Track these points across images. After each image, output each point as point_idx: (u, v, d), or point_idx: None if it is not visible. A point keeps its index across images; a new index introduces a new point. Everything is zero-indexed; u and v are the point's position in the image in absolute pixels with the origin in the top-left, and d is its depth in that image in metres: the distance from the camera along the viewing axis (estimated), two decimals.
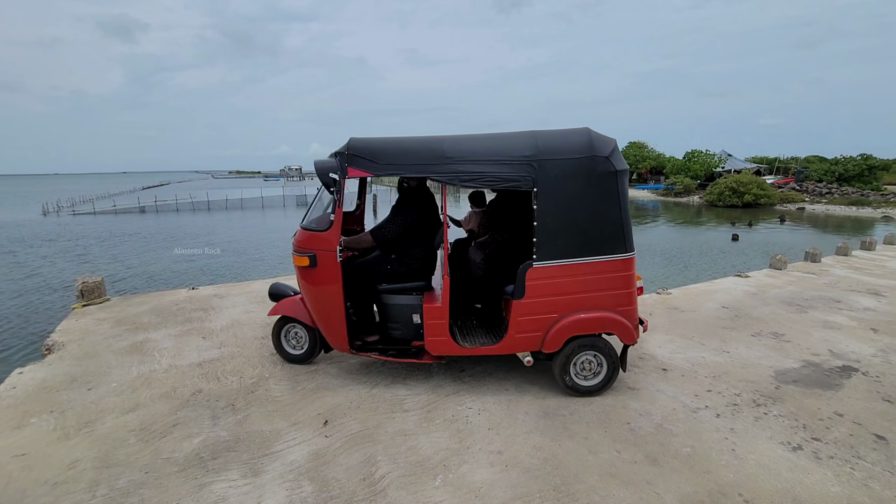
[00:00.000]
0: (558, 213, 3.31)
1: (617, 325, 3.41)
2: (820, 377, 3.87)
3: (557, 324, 3.40)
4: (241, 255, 17.81)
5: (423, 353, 3.66)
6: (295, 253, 3.58)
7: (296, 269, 3.65)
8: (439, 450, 2.86)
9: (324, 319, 3.61)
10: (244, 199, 38.48)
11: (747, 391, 3.62)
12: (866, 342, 4.63)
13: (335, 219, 3.40)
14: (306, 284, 3.62)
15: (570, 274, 3.36)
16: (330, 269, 3.44)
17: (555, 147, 3.33)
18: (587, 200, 3.32)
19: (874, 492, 2.51)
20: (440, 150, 3.37)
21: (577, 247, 3.35)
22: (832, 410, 3.34)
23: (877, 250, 9.53)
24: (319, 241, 3.45)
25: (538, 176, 3.28)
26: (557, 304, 3.40)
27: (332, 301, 3.50)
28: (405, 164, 3.37)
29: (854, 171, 35.42)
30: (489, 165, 3.32)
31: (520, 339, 3.46)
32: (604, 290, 3.40)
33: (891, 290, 6.53)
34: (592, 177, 3.29)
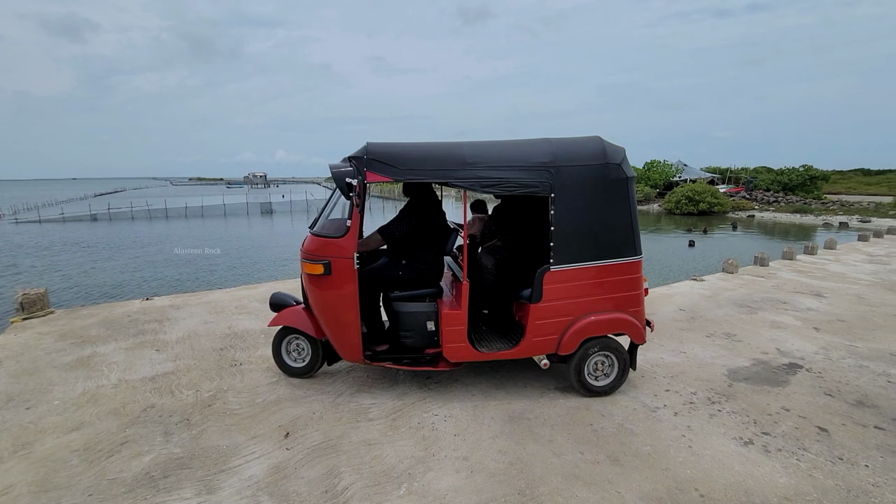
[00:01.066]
0: (574, 217, 3.40)
1: (628, 326, 3.52)
2: (768, 374, 4.07)
3: (573, 326, 3.47)
4: (201, 265, 17.15)
5: (438, 361, 3.61)
6: (306, 261, 3.42)
7: (306, 277, 3.51)
8: (404, 458, 2.83)
9: (336, 329, 3.46)
10: (205, 207, 37.13)
11: (703, 390, 3.76)
12: (810, 340, 4.91)
13: (352, 225, 3.28)
14: (318, 293, 3.46)
15: (585, 277, 3.45)
16: (346, 277, 3.32)
17: (571, 154, 3.42)
18: (600, 206, 3.44)
19: (818, 481, 2.65)
20: (461, 155, 3.35)
21: (591, 250, 3.44)
22: (780, 406, 3.51)
23: (818, 255, 10.17)
24: (335, 247, 3.32)
25: (555, 182, 3.35)
26: (573, 306, 3.47)
27: (346, 310, 3.37)
28: (426, 170, 3.31)
29: (798, 181, 37.80)
30: (509, 171, 3.35)
31: (537, 342, 3.49)
32: (615, 293, 3.51)
33: (831, 292, 6.97)
34: (605, 183, 3.42)
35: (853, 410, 3.45)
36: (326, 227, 3.52)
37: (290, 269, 15.35)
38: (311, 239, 3.51)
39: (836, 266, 8.93)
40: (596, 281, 3.47)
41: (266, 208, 39.55)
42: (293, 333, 3.86)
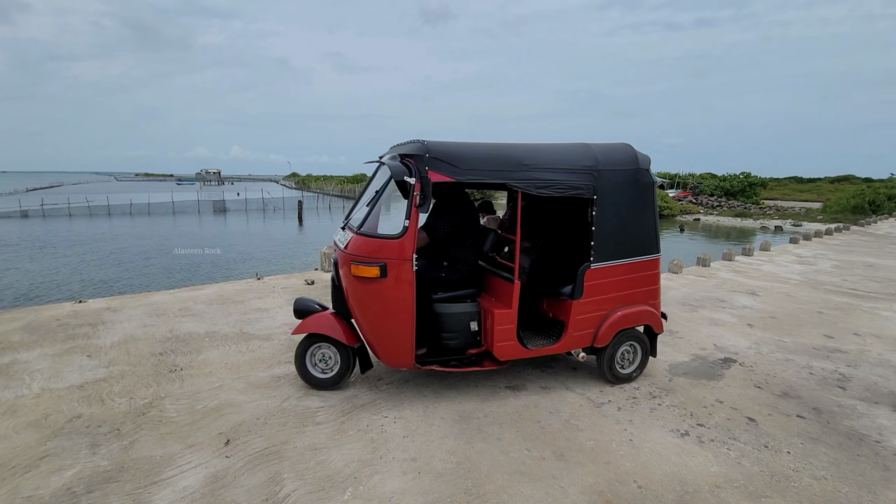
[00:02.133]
0: (612, 218, 3.63)
1: (652, 317, 3.86)
2: (706, 369, 4.29)
3: (608, 320, 3.71)
4: (142, 264, 16.22)
5: (483, 361, 3.65)
6: (358, 263, 3.18)
7: (352, 280, 3.26)
8: (351, 461, 2.77)
9: (387, 335, 3.30)
10: (152, 204, 35.13)
11: (645, 385, 3.92)
12: (743, 336, 5.23)
13: (410, 225, 3.12)
14: (370, 297, 3.25)
15: (619, 273, 3.71)
16: (404, 280, 3.16)
17: (610, 159, 3.65)
18: (632, 207, 3.72)
19: (745, 468, 2.81)
20: (516, 157, 3.41)
21: (624, 248, 3.71)
22: (714, 398, 3.71)
23: (754, 256, 10.87)
24: (392, 248, 3.13)
25: (598, 185, 3.56)
26: (608, 301, 3.71)
27: (402, 314, 3.21)
28: (486, 171, 3.32)
29: (738, 187, 40.32)
30: (559, 174, 3.48)
31: (577, 336, 3.68)
32: (641, 287, 3.83)
33: (764, 290, 7.46)
34: (637, 186, 3.71)
35: (779, 401, 3.69)
36: (378, 227, 3.31)
37: (242, 270, 14.79)
38: (360, 239, 3.25)
39: (770, 266, 9.57)
40: (627, 277, 3.75)
41: (219, 206, 37.90)
42: (319, 342, 3.61)
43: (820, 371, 4.30)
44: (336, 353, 3.62)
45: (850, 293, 7.35)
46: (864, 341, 5.13)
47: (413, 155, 3.22)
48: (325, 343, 3.61)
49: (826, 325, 5.70)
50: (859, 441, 3.14)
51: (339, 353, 3.61)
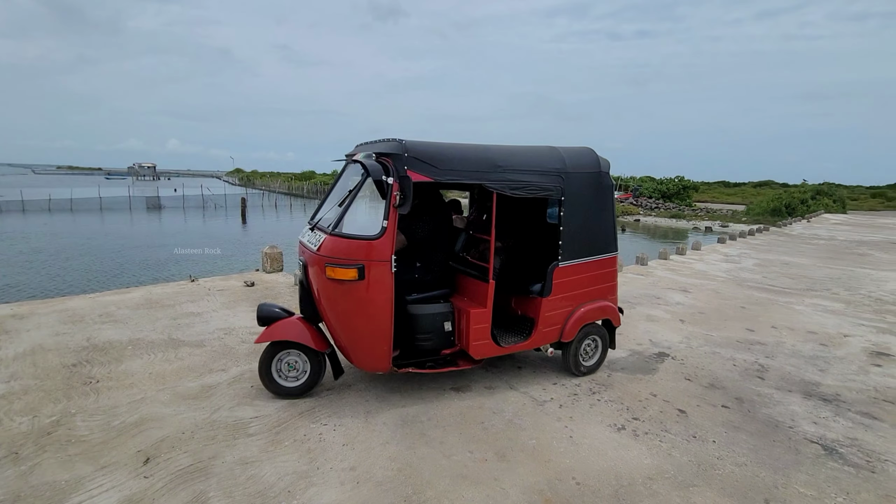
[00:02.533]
0: (577, 218, 3.80)
1: (611, 312, 4.09)
2: (642, 364, 4.48)
3: (573, 315, 3.89)
4: (59, 266, 14.81)
5: (457, 360, 3.67)
6: (334, 265, 3.06)
7: (326, 283, 3.14)
8: (285, 475, 2.62)
9: (363, 338, 3.22)
10: (75, 200, 32.20)
11: (586, 381, 4.02)
12: (676, 332, 5.53)
13: (389, 225, 3.05)
14: (346, 300, 3.14)
15: (584, 271, 3.91)
16: (383, 282, 3.09)
17: (576, 162, 3.81)
18: (595, 208, 3.91)
19: (675, 459, 2.94)
20: (492, 159, 3.46)
21: (588, 247, 3.90)
22: (649, 392, 3.87)
23: (687, 255, 11.58)
24: (370, 249, 3.05)
25: (565, 186, 3.71)
26: (573, 298, 3.88)
27: (380, 317, 3.14)
28: (464, 171, 3.34)
29: (674, 190, 42.91)
30: (531, 175, 3.59)
31: (546, 332, 3.81)
32: (602, 284, 4.05)
33: (695, 288, 7.95)
34: (599, 189, 3.91)
35: (706, 392, 3.91)
36: (352, 227, 3.19)
37: (176, 271, 13.86)
38: (335, 240, 3.14)
39: (700, 265, 10.22)
40: (590, 274, 3.95)
41: (153, 203, 35.42)
42: (285, 349, 3.43)
43: (742, 363, 4.61)
44: (305, 359, 3.48)
45: (769, 289, 7.98)
46: (780, 334, 5.57)
47: (391, 154, 3.17)
48: (292, 350, 3.45)
49: (748, 319, 6.14)
50: (775, 427, 3.38)
51: (308, 359, 3.47)
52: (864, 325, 6.07)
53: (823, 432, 3.34)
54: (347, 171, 3.80)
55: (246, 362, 4.13)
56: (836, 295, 7.70)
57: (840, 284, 8.56)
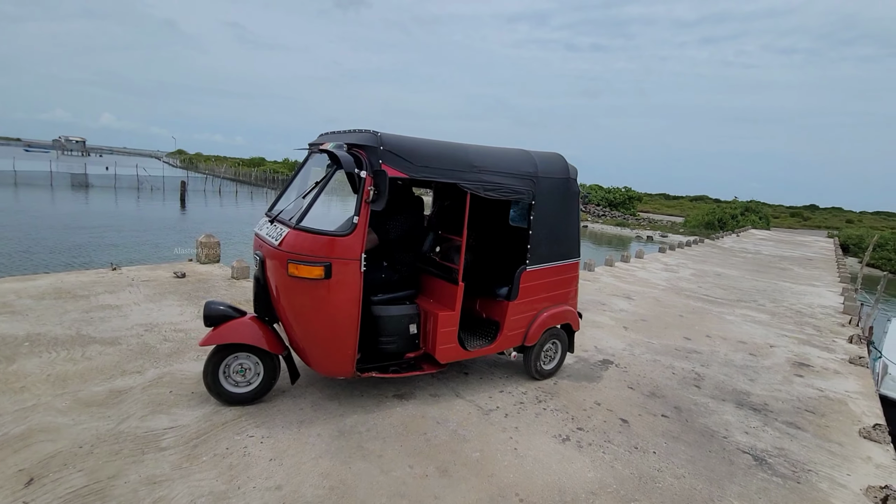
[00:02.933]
0: (546, 223, 3.81)
1: (571, 316, 4.14)
2: (587, 371, 4.50)
3: (537, 319, 3.88)
4: None
5: (422, 364, 3.53)
6: (297, 262, 2.83)
7: (288, 281, 2.89)
8: (199, 496, 2.33)
9: (326, 342, 3.02)
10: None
11: (532, 389, 3.96)
12: (619, 338, 5.63)
13: (360, 222, 2.89)
14: (309, 300, 2.93)
15: (549, 275, 3.91)
16: (350, 282, 2.91)
17: (547, 167, 3.81)
18: (562, 213, 3.94)
19: (617, 472, 2.91)
20: (468, 159, 3.37)
21: (553, 252, 3.92)
22: (594, 400, 3.87)
23: (631, 262, 12.04)
24: (339, 247, 2.87)
25: (536, 190, 3.70)
26: (538, 302, 3.88)
27: (345, 319, 2.96)
28: (439, 169, 3.22)
29: (620, 199, 44.94)
30: (505, 178, 3.53)
31: (511, 336, 3.79)
32: (564, 288, 4.08)
33: (638, 295, 8.22)
34: (567, 195, 3.95)
35: (647, 401, 3.97)
36: (321, 222, 2.96)
37: (99, 258, 12.68)
38: (299, 235, 2.90)
39: (643, 273, 10.64)
40: (554, 279, 3.96)
41: (80, 181, 32.38)
42: (234, 352, 3.12)
43: (681, 371, 4.75)
44: (258, 362, 3.21)
45: (704, 298, 8.40)
46: (714, 343, 5.83)
47: (365, 146, 2.99)
48: (241, 353, 3.16)
49: (685, 327, 6.39)
50: (710, 437, 3.47)
51: (261, 362, 3.21)
52: (787, 336, 6.49)
53: (754, 442, 3.46)
54: (311, 161, 3.62)
55: (166, 363, 3.72)
56: (763, 306, 8.22)
57: (766, 296, 9.17)
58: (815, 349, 5.98)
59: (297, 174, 3.67)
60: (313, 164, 3.58)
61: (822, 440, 3.60)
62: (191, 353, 3.97)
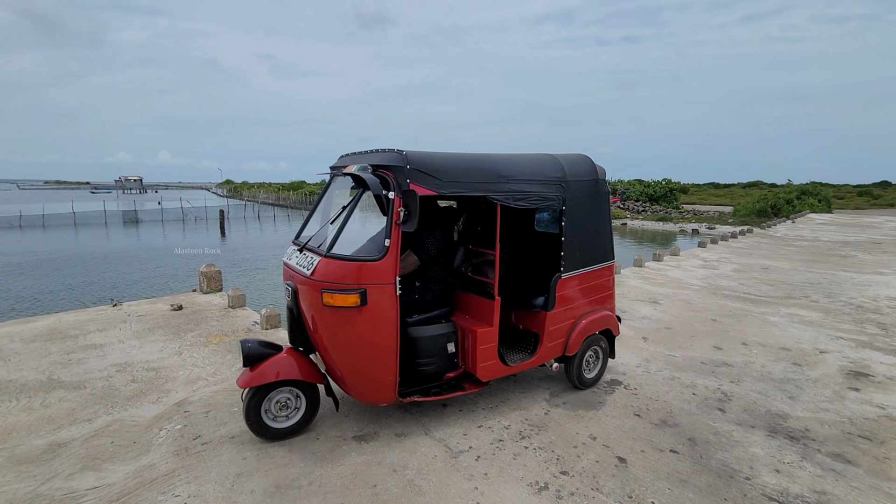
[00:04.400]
0: (578, 228, 3.69)
1: (611, 321, 4.00)
2: (588, 395, 3.92)
3: (576, 327, 3.76)
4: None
5: (462, 384, 3.44)
6: (332, 291, 2.78)
7: (324, 311, 2.85)
8: None
9: (366, 369, 2.96)
10: (47, 216, 31.29)
11: (517, 421, 3.46)
12: (636, 352, 4.98)
13: (392, 244, 2.81)
14: (346, 329, 2.86)
15: (585, 281, 3.80)
16: (387, 307, 2.85)
17: (574, 170, 3.70)
18: (593, 216, 3.83)
19: None
20: (495, 169, 3.30)
21: (588, 257, 3.81)
22: (588, 434, 3.31)
23: (664, 261, 11.11)
24: (373, 272, 2.80)
25: (566, 195, 3.59)
26: (576, 309, 3.77)
27: (384, 345, 2.90)
28: (468, 183, 3.14)
29: (660, 192, 42.70)
30: (533, 185, 3.43)
31: (551, 347, 3.66)
32: (601, 293, 3.96)
33: (666, 298, 7.43)
34: (597, 196, 3.83)
35: (655, 432, 3.36)
36: (352, 248, 3.01)
37: (133, 292, 13.17)
38: (332, 263, 2.86)
39: (676, 272, 9.73)
40: (590, 284, 3.85)
41: (130, 217, 34.57)
42: (277, 388, 3.08)
43: (703, 390, 4.07)
44: (298, 395, 3.18)
45: (745, 298, 7.48)
46: (751, 351, 5.05)
47: (391, 166, 2.91)
48: (283, 388, 3.11)
49: (718, 334, 5.61)
50: (729, 479, 2.83)
51: (303, 395, 3.18)
52: (843, 337, 5.57)
53: (786, 485, 2.79)
54: (334, 185, 3.58)
55: (122, 408, 3.53)
56: (815, 303, 7.21)
57: (820, 290, 8.08)
58: (878, 353, 5.06)
59: (320, 199, 3.61)
60: (336, 188, 3.55)
61: (878, 478, 2.87)
62: (153, 394, 3.78)
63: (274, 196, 64.43)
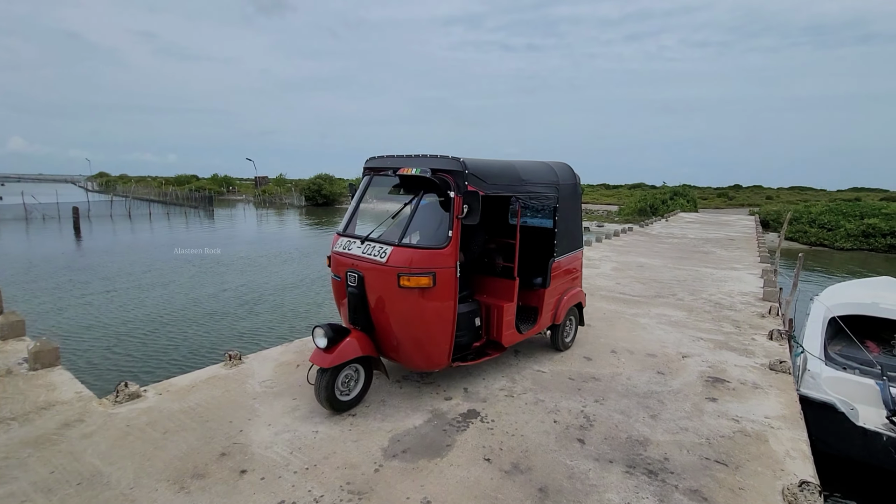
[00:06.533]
0: (565, 221, 4.56)
1: (582, 296, 5.08)
2: (436, 437, 3.26)
3: (562, 301, 4.66)
4: None
5: (487, 350, 4.08)
6: (410, 275, 3.27)
7: (398, 292, 3.31)
8: None
9: (431, 340, 3.50)
10: None
11: (335, 488, 2.67)
12: (503, 369, 4.46)
13: (454, 235, 3.36)
14: (416, 307, 3.35)
15: (568, 264, 4.73)
16: (450, 287, 3.40)
17: (564, 175, 4.61)
18: (573, 212, 4.77)
19: None
20: (518, 174, 4.02)
21: (569, 243, 4.73)
22: (421, 497, 2.63)
23: None
24: (440, 258, 3.35)
25: (559, 195, 4.44)
26: (562, 287, 4.66)
27: (447, 318, 3.46)
28: (503, 185, 3.83)
29: None
30: (541, 187, 4.23)
31: (547, 317, 4.53)
32: (576, 273, 4.98)
33: None
34: (575, 196, 4.80)
35: (503, 484, 2.77)
36: (418, 238, 3.54)
37: None
38: (406, 251, 3.37)
39: None
40: (570, 266, 4.80)
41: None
42: (349, 365, 3.46)
43: (566, 415, 3.63)
44: (359, 369, 3.58)
45: (620, 299, 7.51)
46: (619, 361, 4.81)
47: (452, 171, 3.42)
48: (353, 364, 3.50)
49: (590, 342, 5.35)
50: None
51: (362, 369, 3.60)
52: (703, 338, 5.62)
53: None
54: (375, 183, 4.00)
55: None
56: (681, 301, 7.43)
57: (685, 288, 8.45)
58: (733, 354, 5.12)
59: (361, 196, 4.06)
60: (378, 186, 3.99)
61: None
62: None
63: (157, 192, 57.17)
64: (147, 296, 11.62)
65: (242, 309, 10.75)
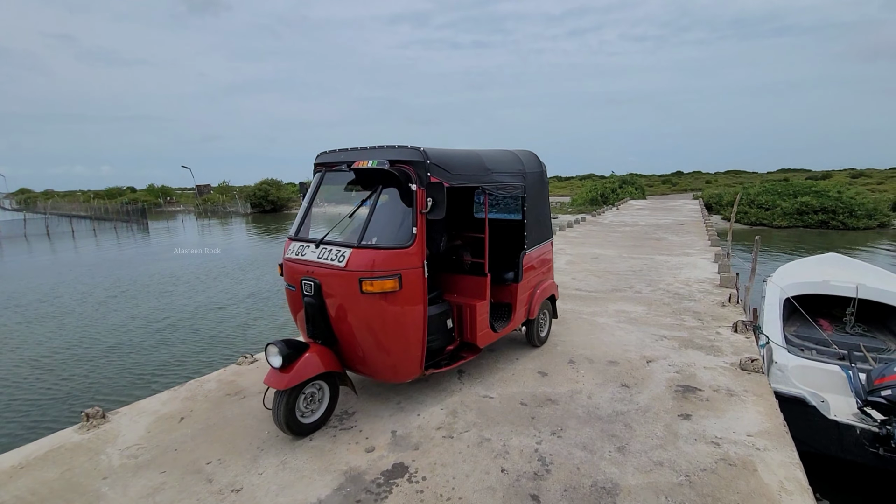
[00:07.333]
0: (533, 211, 4.42)
1: (555, 288, 4.92)
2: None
3: (535, 295, 4.48)
4: None
5: (461, 354, 3.82)
6: (372, 279, 2.97)
7: (361, 299, 3.01)
8: None
9: (400, 349, 3.20)
10: None
11: None
12: (444, 397, 3.70)
13: (418, 231, 3.09)
14: (381, 313, 3.05)
15: (539, 255, 4.60)
16: (418, 289, 3.13)
17: (530, 164, 4.48)
18: (542, 202, 4.69)
19: None
20: (483, 163, 3.81)
21: (539, 234, 4.60)
22: None
23: None
24: (405, 258, 3.07)
25: (526, 185, 4.29)
26: (534, 280, 4.51)
27: (416, 324, 3.18)
28: (468, 175, 3.59)
29: None
30: (507, 177, 4.06)
31: (521, 312, 4.32)
32: (547, 265, 4.86)
33: None
34: (542, 184, 4.69)
35: None
36: (379, 237, 3.14)
37: None
38: (367, 253, 3.06)
39: None
40: (541, 258, 4.67)
41: None
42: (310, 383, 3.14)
43: (517, 459, 2.91)
44: (322, 386, 3.28)
45: (576, 296, 6.95)
46: (578, 374, 4.17)
47: (413, 162, 3.16)
48: (317, 381, 3.20)
49: (545, 353, 4.68)
50: None
51: (326, 387, 3.29)
52: (666, 336, 5.11)
53: None
54: (328, 180, 3.68)
55: None
56: (639, 294, 6.97)
57: (642, 278, 8.04)
58: (700, 353, 4.61)
59: (313, 195, 3.69)
60: (330, 184, 3.66)
61: None
62: None
63: (84, 206, 52.57)
64: (30, 333, 9.81)
65: (150, 340, 9.27)
